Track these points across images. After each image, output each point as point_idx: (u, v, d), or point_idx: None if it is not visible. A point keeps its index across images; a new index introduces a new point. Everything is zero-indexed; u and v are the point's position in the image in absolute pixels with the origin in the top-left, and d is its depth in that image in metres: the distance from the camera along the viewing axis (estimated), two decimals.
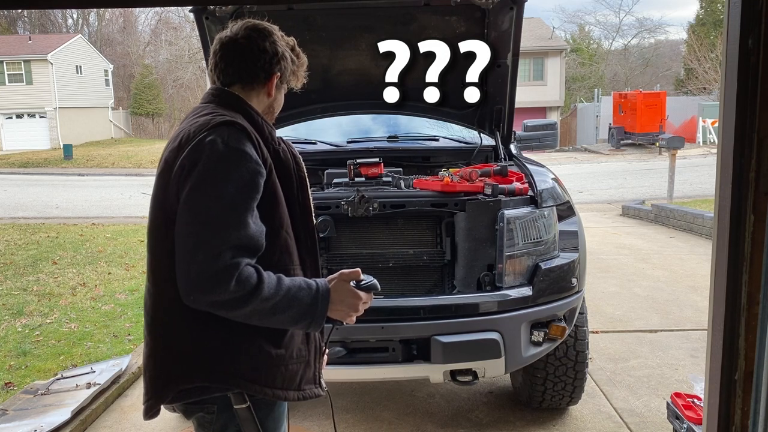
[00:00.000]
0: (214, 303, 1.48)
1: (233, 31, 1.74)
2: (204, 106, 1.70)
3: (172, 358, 1.59)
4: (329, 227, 3.03)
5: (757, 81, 1.22)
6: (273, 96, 1.78)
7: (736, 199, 1.26)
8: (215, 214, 1.49)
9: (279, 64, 1.75)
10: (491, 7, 3.51)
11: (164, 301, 1.59)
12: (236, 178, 1.51)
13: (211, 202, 1.50)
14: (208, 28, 3.55)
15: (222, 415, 1.62)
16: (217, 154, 1.51)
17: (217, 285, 1.45)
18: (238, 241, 1.48)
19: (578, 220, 3.34)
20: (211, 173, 1.51)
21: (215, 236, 1.47)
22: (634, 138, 25.13)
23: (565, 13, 66.91)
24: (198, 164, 1.51)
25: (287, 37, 1.83)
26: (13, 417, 3.63)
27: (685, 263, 7.29)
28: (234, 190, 1.50)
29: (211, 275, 1.45)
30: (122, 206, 14.42)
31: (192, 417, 1.70)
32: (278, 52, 1.74)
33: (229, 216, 1.49)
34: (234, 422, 1.61)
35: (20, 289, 6.83)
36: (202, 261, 1.45)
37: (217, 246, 1.46)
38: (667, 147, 12.73)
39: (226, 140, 1.53)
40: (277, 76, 1.75)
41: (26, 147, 30.45)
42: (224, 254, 1.45)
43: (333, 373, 2.87)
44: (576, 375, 3.36)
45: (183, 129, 1.64)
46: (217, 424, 1.64)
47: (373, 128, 4.35)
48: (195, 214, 1.50)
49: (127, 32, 45.93)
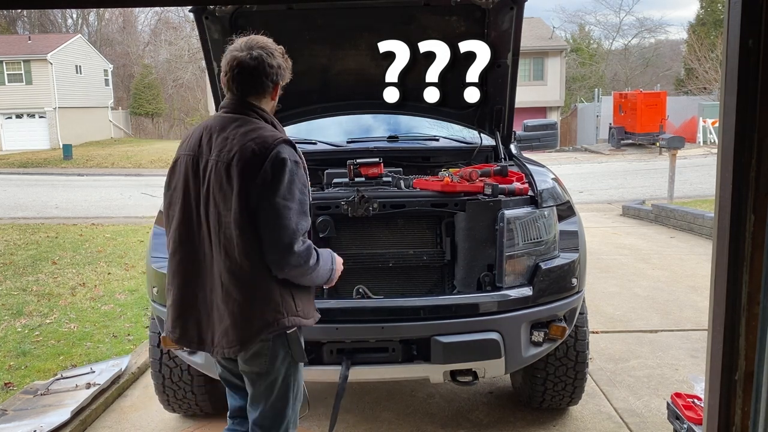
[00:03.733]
0: (301, 273, 2.15)
1: (245, 50, 2.21)
2: (242, 118, 2.22)
3: (258, 310, 2.15)
4: (329, 227, 3.02)
5: (757, 81, 1.22)
6: (276, 99, 2.34)
7: (736, 200, 1.26)
8: (295, 211, 2.12)
9: (280, 74, 2.27)
10: (491, 7, 3.50)
11: (242, 270, 2.13)
12: (300, 184, 2.16)
13: (290, 203, 2.11)
14: (208, 28, 3.54)
15: (276, 341, 2.20)
16: (290, 168, 2.12)
17: (302, 259, 2.12)
18: (306, 229, 2.16)
19: (578, 220, 3.34)
20: (288, 183, 2.11)
21: (298, 228, 2.11)
22: (635, 138, 25.14)
23: (565, 13, 66.95)
24: (276, 175, 2.09)
25: (278, 45, 2.30)
26: (12, 417, 3.63)
27: (686, 263, 7.29)
28: (299, 192, 2.15)
29: (299, 255, 2.11)
30: (122, 206, 14.42)
31: (249, 350, 2.21)
32: (280, 65, 2.26)
33: (301, 211, 2.14)
34: (285, 345, 2.22)
35: (20, 289, 6.83)
36: (292, 245, 2.09)
37: (298, 233, 2.11)
38: (668, 147, 12.75)
39: (293, 157, 2.15)
40: (279, 84, 2.30)
41: (26, 147, 30.45)
42: (303, 239, 2.13)
43: (333, 373, 2.87)
44: (576, 375, 3.36)
45: (233, 139, 2.15)
46: (273, 350, 2.21)
47: (373, 128, 4.34)
48: (281, 210, 2.09)
49: (126, 32, 45.94)
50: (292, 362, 2.27)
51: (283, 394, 2.28)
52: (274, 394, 2.27)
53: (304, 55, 3.86)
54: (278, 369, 2.24)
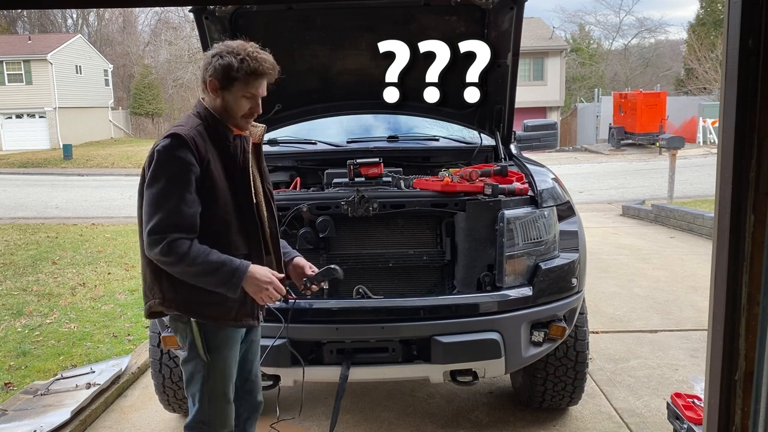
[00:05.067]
0: (158, 261, 2.19)
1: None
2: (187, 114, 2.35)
3: (147, 288, 2.35)
4: (329, 227, 3.02)
5: (757, 81, 1.22)
6: (216, 95, 2.27)
7: (736, 199, 1.26)
8: (156, 202, 2.16)
9: (219, 70, 2.23)
10: (491, 7, 3.50)
11: (142, 252, 2.29)
12: (172, 175, 2.16)
13: (154, 192, 2.17)
14: (208, 28, 3.55)
15: (188, 326, 2.32)
16: (161, 159, 2.17)
17: (156, 249, 2.14)
18: (169, 220, 2.14)
19: (578, 220, 3.33)
20: (156, 172, 2.18)
21: (154, 217, 2.15)
22: (635, 138, 25.13)
23: (565, 13, 66.82)
24: (150, 165, 2.19)
25: (253, 47, 2.29)
26: (12, 417, 3.63)
27: (686, 263, 7.29)
28: (170, 184, 2.15)
29: (152, 242, 2.15)
30: (122, 206, 14.41)
31: (173, 324, 2.39)
32: (227, 62, 2.22)
33: (165, 202, 2.15)
34: (192, 334, 2.32)
35: (20, 289, 6.83)
36: (148, 233, 2.15)
37: (156, 223, 2.14)
38: (668, 147, 12.75)
39: (172, 150, 2.17)
40: (213, 79, 2.24)
41: (26, 147, 30.44)
42: (160, 229, 2.13)
43: (333, 373, 2.87)
44: (576, 375, 3.36)
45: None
46: (186, 333, 2.34)
47: (373, 128, 4.34)
48: (146, 199, 2.19)
49: (126, 32, 45.91)
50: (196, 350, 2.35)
51: (188, 379, 2.41)
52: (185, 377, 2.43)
53: (304, 55, 3.86)
54: (184, 353, 2.38)
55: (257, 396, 2.64)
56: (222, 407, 2.40)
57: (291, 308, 2.74)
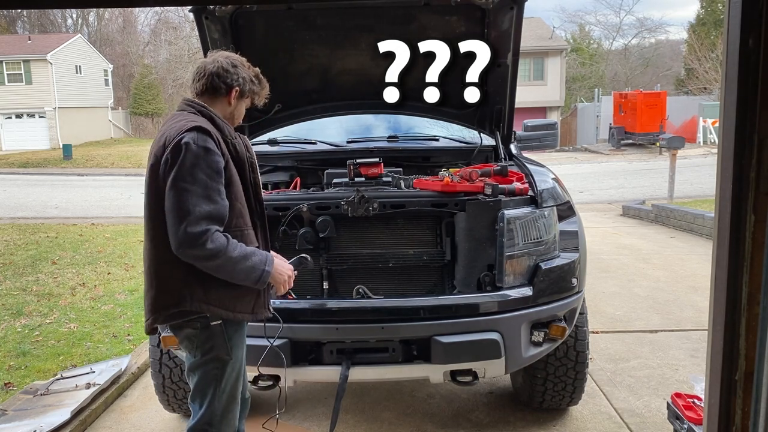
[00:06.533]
0: (196, 257, 2.13)
1: (210, 58, 2.39)
2: (180, 114, 2.30)
3: (167, 292, 2.26)
4: (329, 227, 3.02)
5: (757, 81, 1.22)
6: (232, 104, 2.38)
7: (736, 199, 1.26)
8: (195, 194, 2.11)
9: (238, 81, 2.35)
10: (491, 7, 3.50)
11: (159, 254, 2.24)
12: (205, 167, 2.13)
13: (189, 186, 2.11)
14: (208, 27, 3.54)
15: (204, 331, 2.27)
16: (194, 153, 2.13)
17: (197, 243, 2.09)
18: (209, 213, 2.12)
19: (578, 220, 3.33)
20: (188, 165, 2.12)
21: (194, 210, 2.10)
22: (635, 138, 25.12)
23: (565, 13, 66.77)
24: (178, 159, 2.12)
25: (251, 67, 2.43)
26: (12, 417, 3.63)
27: (686, 263, 7.29)
28: (204, 176, 2.13)
29: (192, 238, 2.09)
30: (122, 206, 14.41)
31: (181, 333, 2.32)
32: (242, 76, 2.35)
33: (204, 195, 2.12)
34: (212, 336, 2.27)
35: (20, 289, 6.83)
36: (186, 227, 2.09)
37: (196, 217, 2.09)
38: (668, 147, 12.76)
39: (199, 142, 2.15)
40: (235, 89, 2.35)
41: (26, 147, 30.42)
42: (201, 222, 2.09)
43: (333, 373, 2.87)
44: (576, 375, 3.36)
45: (162, 133, 2.24)
46: (200, 338, 2.28)
47: (373, 128, 4.34)
48: (179, 194, 2.12)
49: (126, 32, 45.90)
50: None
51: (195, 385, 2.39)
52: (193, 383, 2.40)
53: (304, 55, 3.86)
54: (195, 358, 2.34)
55: (244, 393, 2.65)
56: (232, 408, 2.41)
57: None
